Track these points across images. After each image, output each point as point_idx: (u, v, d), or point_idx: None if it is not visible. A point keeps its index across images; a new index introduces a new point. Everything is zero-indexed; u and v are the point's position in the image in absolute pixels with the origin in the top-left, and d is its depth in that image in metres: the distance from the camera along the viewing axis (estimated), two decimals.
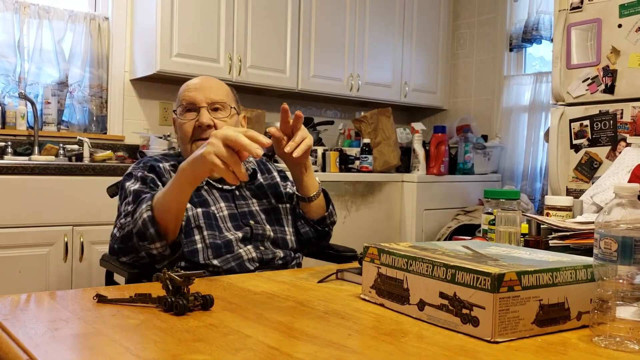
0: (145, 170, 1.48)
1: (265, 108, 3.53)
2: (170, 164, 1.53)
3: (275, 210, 1.58)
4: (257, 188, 1.60)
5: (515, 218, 1.21)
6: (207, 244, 1.42)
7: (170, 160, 1.55)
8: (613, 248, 0.76)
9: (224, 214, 1.49)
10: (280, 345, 0.74)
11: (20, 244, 2.37)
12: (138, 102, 3.37)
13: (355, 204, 3.38)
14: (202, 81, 1.54)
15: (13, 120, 2.93)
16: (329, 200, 1.61)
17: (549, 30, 3.79)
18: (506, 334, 0.76)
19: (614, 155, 2.54)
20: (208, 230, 1.43)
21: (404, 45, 4.11)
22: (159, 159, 1.55)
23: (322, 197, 1.58)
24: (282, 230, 1.55)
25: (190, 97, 1.49)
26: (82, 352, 0.73)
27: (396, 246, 0.96)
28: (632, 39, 2.50)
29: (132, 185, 1.44)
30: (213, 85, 1.54)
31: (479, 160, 3.89)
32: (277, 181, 1.66)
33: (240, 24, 3.29)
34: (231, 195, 1.54)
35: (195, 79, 1.56)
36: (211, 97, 1.50)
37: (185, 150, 1.52)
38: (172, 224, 1.26)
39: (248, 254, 1.45)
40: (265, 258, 1.47)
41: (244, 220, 1.51)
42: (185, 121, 1.49)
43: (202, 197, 1.49)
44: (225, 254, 1.43)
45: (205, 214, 1.45)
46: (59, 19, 3.10)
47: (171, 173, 1.49)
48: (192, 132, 1.49)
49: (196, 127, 1.48)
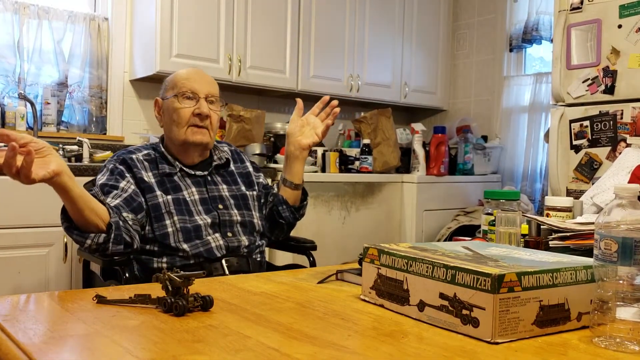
0: (117, 162, 1.59)
1: (265, 108, 3.53)
2: (144, 153, 1.64)
3: (244, 197, 1.71)
4: (229, 175, 1.73)
5: (515, 219, 1.21)
6: (177, 227, 1.54)
7: (143, 150, 1.66)
8: (613, 249, 0.75)
9: (195, 197, 1.61)
10: (280, 346, 0.74)
11: (19, 245, 2.37)
12: (138, 102, 3.37)
13: (355, 204, 3.38)
14: (200, 74, 1.69)
15: (12, 121, 2.92)
16: (305, 194, 1.81)
17: (549, 31, 3.79)
18: (506, 335, 0.76)
19: (614, 155, 2.54)
20: (178, 215, 1.55)
21: (403, 46, 4.11)
22: (134, 150, 1.65)
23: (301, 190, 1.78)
24: (250, 214, 1.68)
25: (191, 86, 1.63)
26: (81, 352, 0.73)
27: (396, 247, 0.96)
28: (632, 39, 2.50)
29: (101, 178, 1.57)
30: (210, 79, 1.69)
31: (479, 160, 3.89)
32: (249, 170, 1.80)
33: (240, 24, 3.29)
34: (203, 181, 1.66)
35: (191, 70, 1.70)
36: (210, 90, 1.65)
37: (177, 134, 1.62)
38: (86, 220, 1.30)
39: (216, 241, 1.57)
40: (231, 246, 1.59)
41: (214, 204, 1.63)
42: (185, 107, 1.61)
43: (174, 182, 1.61)
44: (195, 239, 1.55)
45: (175, 200, 1.57)
46: (59, 19, 3.10)
47: (144, 163, 1.61)
48: (189, 118, 1.61)
49: (194, 114, 1.61)
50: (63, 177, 1.18)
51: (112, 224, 1.36)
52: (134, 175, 1.57)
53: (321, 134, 1.71)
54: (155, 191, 1.56)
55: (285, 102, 3.90)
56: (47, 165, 1.13)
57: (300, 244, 1.91)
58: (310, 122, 1.73)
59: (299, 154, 1.72)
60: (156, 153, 1.65)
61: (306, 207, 1.84)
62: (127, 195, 1.52)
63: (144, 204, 1.54)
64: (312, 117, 1.74)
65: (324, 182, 3.22)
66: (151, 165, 1.62)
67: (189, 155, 1.65)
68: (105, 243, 1.35)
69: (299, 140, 1.71)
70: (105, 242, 1.35)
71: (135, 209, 1.51)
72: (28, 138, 1.10)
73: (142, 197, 1.55)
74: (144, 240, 1.54)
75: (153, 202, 1.55)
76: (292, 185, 1.75)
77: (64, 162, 1.20)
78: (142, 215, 1.53)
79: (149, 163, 1.62)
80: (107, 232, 1.35)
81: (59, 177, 1.17)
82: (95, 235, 1.33)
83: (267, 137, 3.40)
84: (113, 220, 1.37)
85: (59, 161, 1.17)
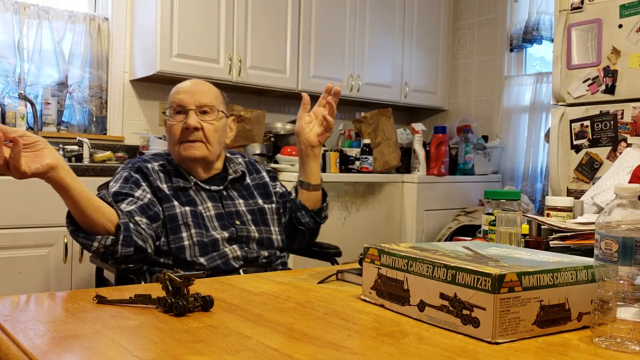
0: (132, 170, 1.51)
1: (265, 108, 3.53)
2: (159, 163, 1.56)
3: (262, 211, 1.62)
4: (245, 189, 1.64)
5: (515, 219, 1.21)
6: (194, 241, 1.46)
7: (159, 160, 1.58)
8: (614, 249, 0.75)
9: (210, 213, 1.53)
10: (280, 346, 0.74)
11: (20, 245, 2.37)
12: (138, 102, 3.37)
13: (356, 204, 3.38)
14: (192, 84, 1.58)
15: (13, 121, 2.92)
16: (325, 194, 1.70)
17: (550, 31, 3.79)
18: (507, 335, 0.76)
19: (614, 155, 2.54)
20: (195, 228, 1.48)
21: (404, 46, 4.11)
22: (149, 159, 1.58)
23: (321, 191, 1.67)
24: (268, 230, 1.59)
25: (179, 99, 1.53)
26: (81, 353, 0.73)
27: (396, 247, 0.96)
28: (633, 39, 2.50)
29: (114, 185, 1.48)
30: (203, 88, 1.58)
31: (480, 160, 3.89)
32: (266, 181, 1.71)
33: (240, 24, 3.29)
34: (219, 196, 1.58)
35: (186, 82, 1.60)
36: (200, 100, 1.54)
37: (173, 152, 1.56)
38: (91, 220, 1.23)
39: (233, 253, 1.50)
40: (250, 257, 1.52)
41: (230, 220, 1.55)
42: (174, 123, 1.53)
43: (189, 197, 1.53)
44: (212, 252, 1.47)
45: (193, 212, 1.49)
46: (59, 19, 3.10)
47: (159, 173, 1.53)
48: (180, 134, 1.53)
49: (184, 129, 1.52)
50: (59, 172, 1.12)
51: (120, 225, 1.27)
52: (150, 184, 1.49)
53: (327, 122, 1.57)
54: (172, 201, 1.49)
55: (286, 102, 3.90)
56: (41, 159, 1.08)
57: (324, 250, 1.82)
58: (318, 116, 1.61)
59: (311, 152, 1.62)
60: (170, 166, 1.57)
61: (327, 209, 1.72)
62: (142, 203, 1.43)
63: (161, 214, 1.46)
64: (319, 109, 1.61)
65: (324, 183, 3.21)
66: (166, 177, 1.54)
67: (194, 171, 1.57)
68: (114, 245, 1.26)
69: (308, 137, 1.60)
70: (113, 244, 1.26)
71: (151, 218, 1.42)
72: (20, 132, 1.05)
73: (159, 207, 1.46)
74: (157, 252, 1.45)
75: (170, 212, 1.47)
76: (308, 186, 1.64)
77: (60, 157, 1.14)
78: (158, 225, 1.44)
79: (164, 174, 1.54)
80: (116, 234, 1.26)
81: (54, 172, 1.11)
82: (103, 237, 1.24)
83: (267, 137, 3.40)
84: (122, 221, 1.28)
85: (54, 155, 1.11)
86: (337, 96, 1.60)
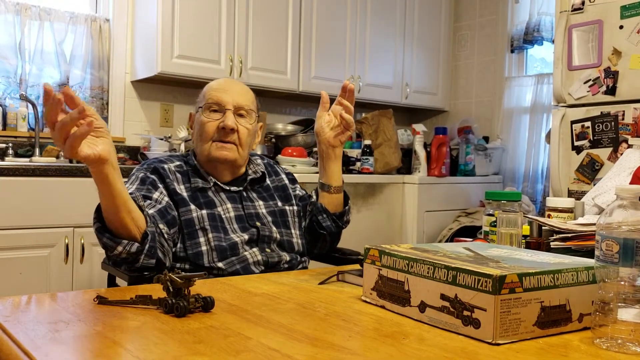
0: (148, 171, 1.47)
1: (266, 109, 3.53)
2: (176, 164, 1.52)
3: (282, 213, 1.57)
4: (264, 190, 1.60)
5: (516, 220, 1.21)
6: (212, 246, 1.41)
7: (175, 160, 1.54)
8: (614, 250, 0.75)
9: (230, 215, 1.48)
10: (280, 347, 0.74)
11: (21, 246, 2.37)
12: (139, 103, 3.37)
13: (356, 205, 3.38)
14: (232, 83, 1.56)
15: (14, 122, 2.93)
16: (347, 198, 1.63)
17: (550, 32, 3.79)
18: (507, 336, 0.76)
19: (615, 156, 2.54)
20: (213, 232, 1.42)
21: (405, 47, 4.11)
22: (165, 159, 1.53)
23: (342, 194, 1.60)
24: (289, 233, 1.55)
25: (218, 97, 1.49)
26: (82, 353, 0.73)
27: (397, 248, 0.96)
28: (634, 40, 2.50)
29: (130, 187, 1.42)
30: (241, 89, 1.55)
31: (480, 161, 3.89)
32: (285, 183, 1.66)
33: (241, 25, 3.29)
34: (238, 197, 1.53)
35: (222, 80, 1.57)
36: (238, 101, 1.50)
37: (202, 150, 1.50)
38: (120, 222, 1.17)
39: (253, 257, 1.44)
40: (271, 261, 1.46)
41: (250, 222, 1.50)
42: (210, 120, 1.48)
43: (208, 197, 1.48)
44: (230, 257, 1.42)
45: (210, 215, 1.44)
46: (60, 20, 3.11)
47: (176, 174, 1.49)
48: (214, 133, 1.48)
49: (219, 128, 1.47)
50: (107, 167, 1.08)
51: (148, 234, 1.21)
52: (166, 186, 1.44)
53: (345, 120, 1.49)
54: (189, 205, 1.43)
55: (287, 103, 3.90)
56: (95, 146, 1.05)
57: (346, 257, 1.72)
58: (337, 115, 1.51)
59: (331, 152, 1.53)
60: (188, 166, 1.52)
61: (350, 213, 1.65)
62: (161, 207, 1.38)
63: (177, 218, 1.41)
64: (337, 107, 1.51)
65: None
66: (184, 178, 1.49)
67: (218, 172, 1.52)
68: (138, 254, 1.20)
69: (328, 137, 1.51)
70: (137, 253, 1.20)
71: (169, 222, 1.37)
72: (92, 111, 1.02)
73: (175, 211, 1.42)
74: (174, 258, 1.40)
75: (186, 216, 1.42)
76: (329, 188, 1.56)
77: (113, 150, 1.09)
78: (175, 231, 1.40)
79: (182, 175, 1.49)
80: (142, 242, 1.21)
81: (102, 165, 1.07)
82: (129, 242, 1.18)
83: (268, 138, 3.41)
84: (150, 229, 1.23)
85: (108, 147, 1.07)
86: (351, 94, 1.51)
